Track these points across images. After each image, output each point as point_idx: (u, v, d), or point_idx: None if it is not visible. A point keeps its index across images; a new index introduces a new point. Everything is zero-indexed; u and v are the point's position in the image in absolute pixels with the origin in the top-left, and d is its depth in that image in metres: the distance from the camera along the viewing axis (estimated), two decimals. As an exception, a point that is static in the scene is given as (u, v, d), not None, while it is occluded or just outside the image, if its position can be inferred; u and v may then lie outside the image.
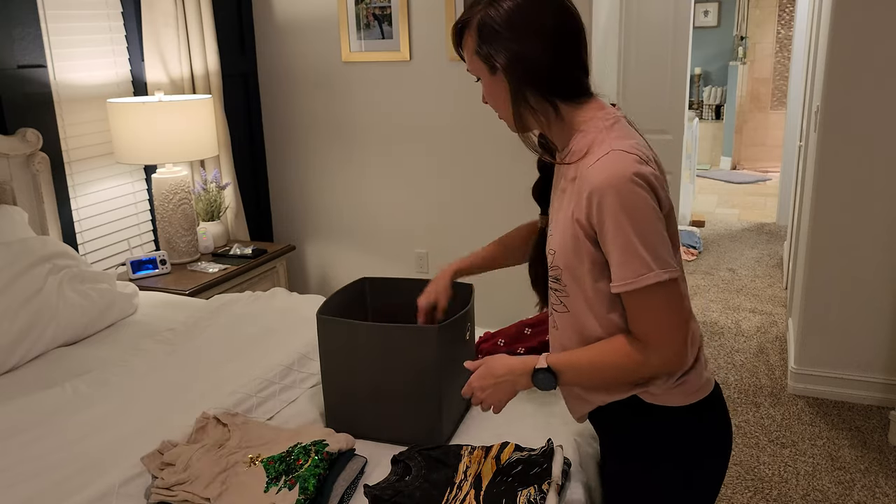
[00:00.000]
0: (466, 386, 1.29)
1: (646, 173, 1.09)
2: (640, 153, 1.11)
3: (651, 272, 1.08)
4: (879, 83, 2.69)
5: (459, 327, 1.58)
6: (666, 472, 1.24)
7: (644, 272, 1.08)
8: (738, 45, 7.79)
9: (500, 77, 1.18)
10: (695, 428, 1.24)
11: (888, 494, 2.40)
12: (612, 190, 1.08)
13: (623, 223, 1.08)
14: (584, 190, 1.12)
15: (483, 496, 1.29)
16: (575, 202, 1.15)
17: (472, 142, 3.27)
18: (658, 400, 1.21)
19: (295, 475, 1.33)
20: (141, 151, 2.64)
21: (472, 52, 1.19)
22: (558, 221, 1.20)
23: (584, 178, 1.13)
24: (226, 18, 3.31)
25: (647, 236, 1.08)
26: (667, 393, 1.21)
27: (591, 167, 1.12)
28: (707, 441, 1.26)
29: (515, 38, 1.14)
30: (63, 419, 1.64)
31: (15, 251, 2.05)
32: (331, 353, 1.57)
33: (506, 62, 1.15)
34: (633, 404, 1.23)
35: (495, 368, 1.25)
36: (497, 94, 1.20)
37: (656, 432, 1.23)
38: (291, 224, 3.75)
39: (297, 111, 3.56)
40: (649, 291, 1.10)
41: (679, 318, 1.12)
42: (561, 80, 1.18)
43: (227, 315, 2.25)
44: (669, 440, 1.23)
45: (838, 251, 2.90)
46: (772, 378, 3.22)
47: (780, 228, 5.61)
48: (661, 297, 1.10)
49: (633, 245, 1.08)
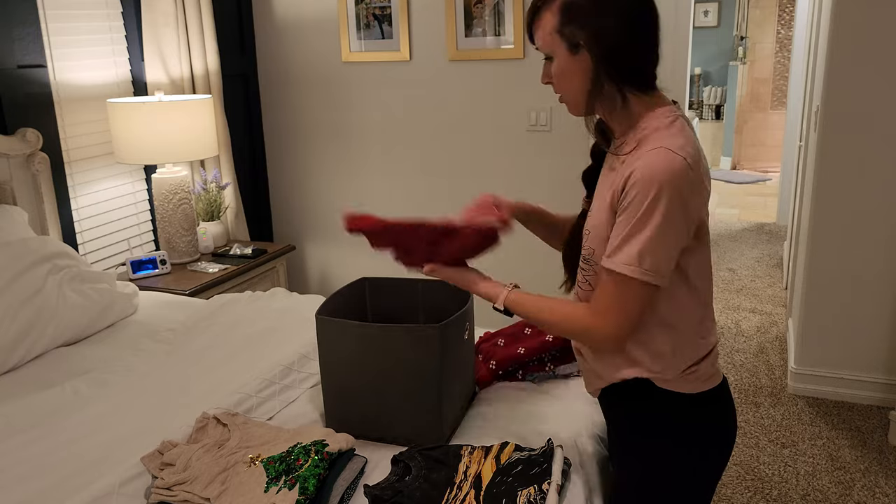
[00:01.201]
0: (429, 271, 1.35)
1: (689, 178, 1.12)
2: (688, 157, 1.13)
3: (639, 268, 1.13)
4: (879, 83, 2.69)
5: (459, 327, 1.58)
6: (671, 457, 1.28)
7: (633, 265, 1.13)
8: (738, 45, 7.79)
9: (580, 57, 1.18)
10: (702, 416, 1.28)
11: (888, 494, 2.40)
12: (651, 183, 1.11)
13: (644, 214, 1.12)
14: (625, 176, 1.15)
15: (483, 496, 1.29)
16: (614, 188, 1.19)
17: (472, 142, 3.28)
18: (670, 385, 1.25)
19: (295, 475, 1.33)
20: (141, 151, 2.64)
21: (552, 30, 1.19)
22: (598, 204, 1.25)
23: (629, 166, 1.16)
24: (226, 18, 3.31)
25: (660, 236, 1.12)
26: (679, 379, 1.25)
27: (639, 158, 1.14)
28: (712, 431, 1.29)
29: (601, 19, 1.15)
30: (63, 419, 1.64)
31: (15, 251, 2.05)
32: (330, 353, 1.57)
33: (590, 42, 1.16)
34: (645, 388, 1.26)
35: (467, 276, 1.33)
36: (571, 74, 1.20)
37: (665, 417, 1.27)
38: (291, 224, 3.75)
39: (297, 111, 3.56)
40: (628, 281, 1.15)
41: (635, 316, 1.18)
42: (636, 68, 1.20)
43: (227, 315, 2.25)
44: (676, 426, 1.27)
45: (838, 251, 2.90)
46: (772, 378, 3.22)
47: (780, 228, 5.61)
48: (635, 292, 1.16)
49: (640, 237, 1.12)
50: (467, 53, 3.15)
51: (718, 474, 1.33)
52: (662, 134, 1.16)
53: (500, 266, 3.29)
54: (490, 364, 1.82)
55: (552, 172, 3.17)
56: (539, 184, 3.20)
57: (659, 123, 1.18)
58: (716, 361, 1.30)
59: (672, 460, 1.28)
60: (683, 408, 1.26)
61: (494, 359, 1.83)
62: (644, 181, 1.11)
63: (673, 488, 1.30)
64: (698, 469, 1.29)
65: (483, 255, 1.33)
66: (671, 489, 1.30)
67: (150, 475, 1.41)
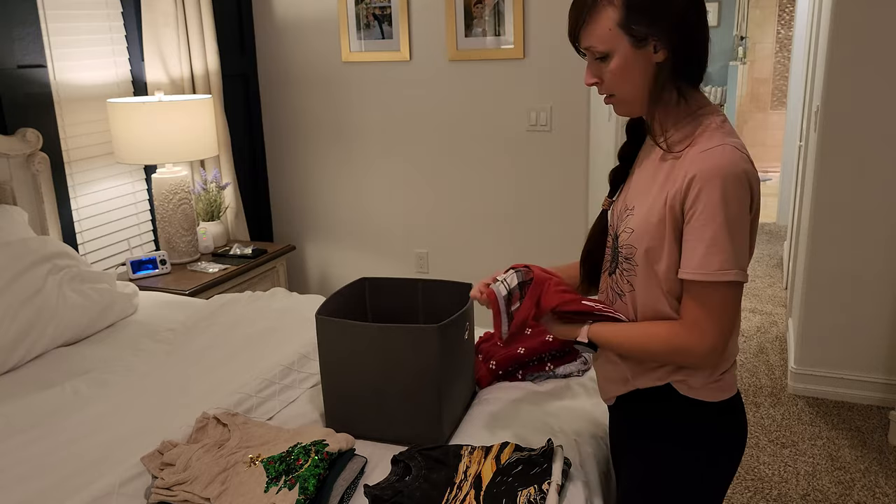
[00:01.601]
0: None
1: (752, 174, 1.13)
2: (747, 154, 1.14)
3: (732, 270, 1.11)
4: (879, 83, 2.69)
5: (459, 327, 1.58)
6: (682, 462, 1.27)
7: (727, 268, 1.11)
8: (738, 45, 7.79)
9: (645, 53, 1.15)
10: (718, 425, 1.27)
11: (888, 494, 2.40)
12: (718, 181, 1.10)
13: (719, 215, 1.10)
14: (687, 175, 1.13)
15: (483, 496, 1.29)
16: (670, 186, 1.16)
17: (471, 142, 3.28)
18: (693, 393, 1.24)
19: (295, 475, 1.33)
20: (141, 151, 2.64)
21: (612, 25, 1.15)
22: (643, 202, 1.22)
23: (689, 163, 1.14)
24: (226, 18, 3.31)
25: (736, 235, 1.11)
26: (704, 387, 1.24)
27: (699, 154, 1.13)
28: (726, 439, 1.28)
29: (670, 12, 1.13)
30: (63, 419, 1.64)
31: (15, 251, 2.05)
32: (330, 353, 1.57)
33: (661, 36, 1.14)
34: (666, 393, 1.26)
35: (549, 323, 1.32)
36: (633, 70, 1.17)
37: (681, 423, 1.27)
38: (291, 224, 3.75)
39: (297, 111, 3.56)
40: (721, 287, 1.13)
41: (734, 319, 1.17)
42: (694, 64, 1.18)
43: (227, 315, 2.25)
44: (691, 432, 1.27)
45: (838, 251, 2.90)
46: (772, 378, 3.22)
47: (780, 228, 5.60)
48: (730, 295, 1.14)
49: (722, 239, 1.10)
50: (467, 53, 3.15)
51: (727, 482, 1.32)
52: (718, 133, 1.15)
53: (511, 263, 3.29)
54: (490, 364, 1.82)
55: (552, 172, 3.17)
56: (539, 184, 3.20)
57: (712, 122, 1.17)
58: (735, 370, 1.30)
59: (683, 466, 1.27)
60: (702, 415, 1.25)
61: (494, 359, 1.83)
62: (710, 181, 1.10)
63: (681, 494, 1.29)
64: (707, 476, 1.28)
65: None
66: (679, 495, 1.29)
67: (150, 475, 1.41)
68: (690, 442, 1.27)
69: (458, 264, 3.43)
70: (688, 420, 1.26)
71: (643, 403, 1.30)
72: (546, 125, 3.13)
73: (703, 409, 1.25)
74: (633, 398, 1.32)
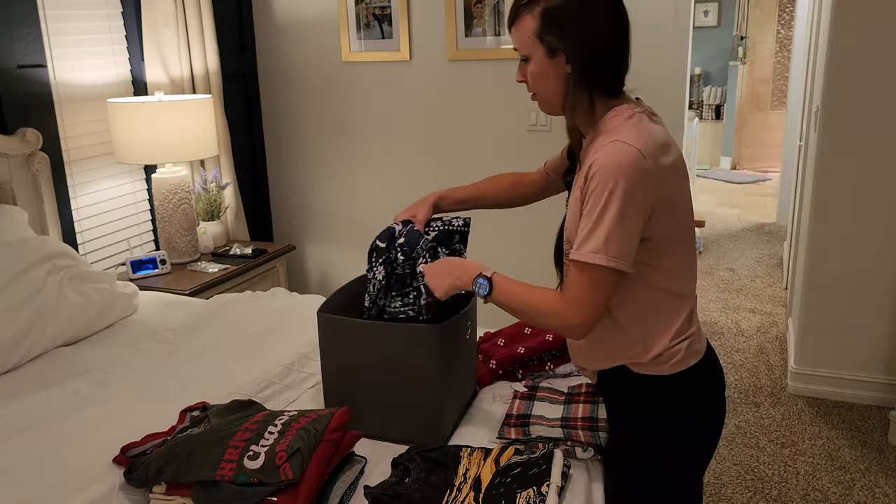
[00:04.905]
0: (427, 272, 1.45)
1: (640, 167, 1.18)
2: (643, 147, 1.19)
3: (603, 255, 1.19)
4: (879, 83, 2.69)
5: (460, 327, 1.58)
6: (656, 435, 1.34)
7: (599, 252, 1.19)
8: (738, 45, 7.79)
9: (557, 62, 1.25)
10: (681, 394, 1.33)
11: (888, 494, 2.40)
12: (603, 174, 1.18)
13: (600, 205, 1.18)
14: (584, 172, 1.23)
15: (482, 498, 1.29)
16: (579, 184, 1.26)
17: (471, 141, 3.28)
18: (645, 370, 1.32)
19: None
20: (141, 151, 2.64)
21: (530, 33, 1.25)
22: (570, 201, 1.32)
23: (587, 161, 1.23)
24: (226, 18, 3.31)
25: (615, 225, 1.18)
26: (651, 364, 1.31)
27: (595, 153, 1.22)
28: (694, 407, 1.35)
29: (580, 29, 1.22)
30: (63, 419, 1.64)
31: (15, 251, 2.05)
32: (331, 351, 1.57)
33: (567, 47, 1.23)
34: (625, 375, 1.34)
35: (450, 264, 1.43)
36: (546, 76, 1.28)
37: (648, 398, 1.34)
38: (291, 224, 3.75)
39: (297, 111, 3.56)
40: (592, 269, 1.21)
41: (603, 304, 1.24)
42: (609, 74, 1.27)
43: (227, 315, 2.25)
44: (658, 405, 1.34)
45: (838, 251, 2.90)
46: (772, 378, 3.22)
47: (780, 228, 5.61)
48: (601, 278, 1.21)
49: (601, 227, 1.19)
50: (467, 53, 3.15)
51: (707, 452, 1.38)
52: (619, 128, 1.23)
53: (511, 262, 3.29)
54: (490, 364, 1.82)
55: (552, 172, 3.16)
56: (539, 184, 3.20)
57: (617, 121, 1.25)
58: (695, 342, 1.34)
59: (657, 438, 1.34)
60: (663, 387, 1.32)
61: (494, 358, 1.83)
62: (601, 173, 1.18)
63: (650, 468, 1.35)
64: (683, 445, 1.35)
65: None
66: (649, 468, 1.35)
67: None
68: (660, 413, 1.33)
69: (458, 264, 3.42)
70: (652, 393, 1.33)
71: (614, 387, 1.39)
72: (546, 125, 3.13)
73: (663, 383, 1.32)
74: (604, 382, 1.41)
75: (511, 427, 1.54)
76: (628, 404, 1.37)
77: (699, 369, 1.34)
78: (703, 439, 1.37)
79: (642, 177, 1.18)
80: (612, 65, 1.27)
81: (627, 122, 1.24)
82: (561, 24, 1.22)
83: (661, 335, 1.30)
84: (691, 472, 1.39)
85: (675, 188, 1.26)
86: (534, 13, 1.24)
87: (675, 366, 1.31)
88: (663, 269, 1.29)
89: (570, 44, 1.22)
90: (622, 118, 1.25)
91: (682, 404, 1.34)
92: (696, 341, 1.34)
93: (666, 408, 1.34)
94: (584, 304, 1.22)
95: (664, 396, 1.33)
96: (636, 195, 1.18)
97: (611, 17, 1.24)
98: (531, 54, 1.27)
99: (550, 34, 1.23)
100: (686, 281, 1.33)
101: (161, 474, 1.30)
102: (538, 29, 1.24)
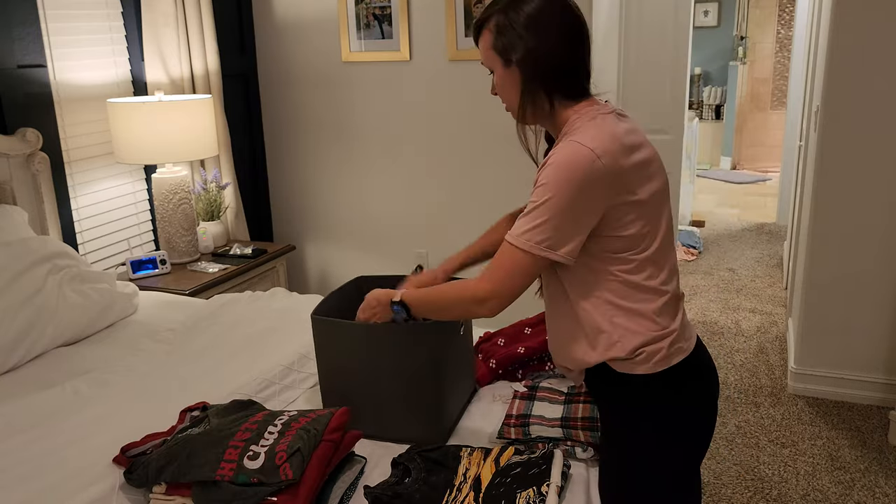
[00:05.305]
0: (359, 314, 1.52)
1: (594, 167, 1.21)
2: (596, 147, 1.22)
3: (526, 241, 1.24)
4: (879, 83, 2.69)
5: (455, 325, 1.58)
6: (642, 436, 1.33)
7: (529, 238, 1.24)
8: (738, 45, 7.79)
9: (513, 71, 1.32)
10: (667, 393, 1.33)
11: (888, 494, 2.40)
12: (550, 170, 1.23)
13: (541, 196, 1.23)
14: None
15: (482, 498, 1.29)
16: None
17: (471, 141, 3.28)
18: (623, 368, 1.32)
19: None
20: (141, 151, 2.64)
21: (488, 46, 1.33)
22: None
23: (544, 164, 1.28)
24: (226, 18, 3.31)
25: (550, 215, 1.22)
26: (630, 363, 1.31)
27: (550, 155, 1.26)
28: (682, 406, 1.34)
29: (529, 37, 1.28)
30: (63, 419, 1.64)
31: (15, 251, 2.05)
32: (327, 353, 1.57)
33: (518, 57, 1.30)
34: (607, 374, 1.34)
35: (370, 300, 1.50)
36: (508, 86, 1.34)
37: (628, 398, 1.34)
38: (291, 224, 3.75)
39: (297, 111, 3.56)
40: (513, 250, 1.26)
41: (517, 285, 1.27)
42: (563, 80, 1.32)
43: (227, 315, 2.25)
44: (639, 405, 1.34)
45: (838, 251, 2.90)
46: (772, 378, 3.22)
47: (780, 228, 5.61)
48: (523, 261, 1.25)
49: (532, 214, 1.24)
50: (467, 53, 3.15)
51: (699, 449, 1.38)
52: (578, 130, 1.26)
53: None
54: (490, 363, 1.82)
55: (552, 172, 3.16)
56: (539, 184, 3.20)
57: (579, 122, 1.29)
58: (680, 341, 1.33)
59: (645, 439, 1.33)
60: (649, 386, 1.32)
61: (494, 358, 1.83)
62: (549, 170, 1.23)
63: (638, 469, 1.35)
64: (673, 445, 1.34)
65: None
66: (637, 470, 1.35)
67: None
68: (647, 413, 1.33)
69: (458, 264, 3.42)
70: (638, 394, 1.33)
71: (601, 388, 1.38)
72: (546, 125, 3.12)
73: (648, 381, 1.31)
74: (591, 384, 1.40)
75: (511, 427, 1.54)
76: (613, 403, 1.37)
77: (687, 368, 1.33)
78: (691, 439, 1.36)
79: (592, 175, 1.21)
80: (565, 69, 1.31)
81: (589, 123, 1.27)
82: (510, 34, 1.29)
83: (633, 330, 1.29)
84: (680, 472, 1.37)
85: (643, 185, 1.27)
86: (490, 27, 1.32)
87: (658, 364, 1.30)
88: (630, 263, 1.29)
89: (520, 54, 1.29)
90: (585, 119, 1.29)
91: (668, 403, 1.33)
92: (680, 339, 1.33)
93: (651, 406, 1.33)
94: (496, 279, 1.27)
95: (649, 395, 1.32)
96: (581, 192, 1.21)
97: (561, 25, 1.29)
98: (492, 66, 1.35)
99: (503, 45, 1.30)
100: (659, 275, 1.31)
101: (161, 474, 1.30)
102: (493, 42, 1.32)
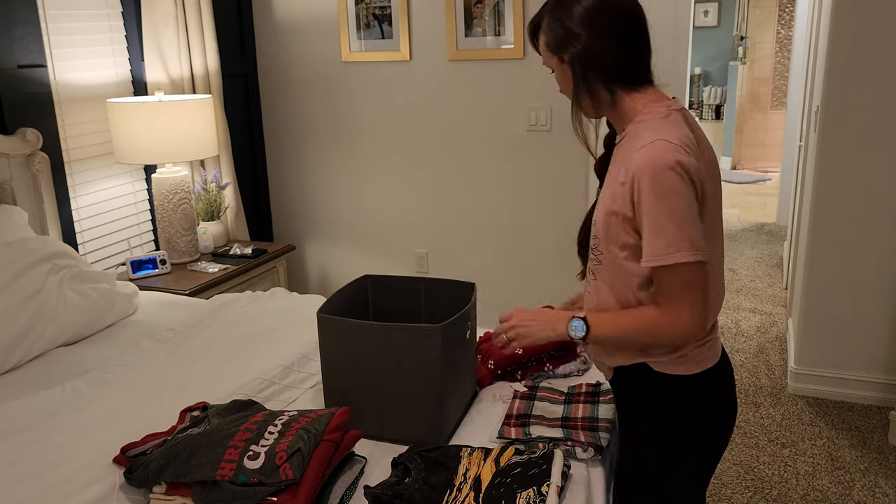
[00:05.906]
0: (502, 324, 1.41)
1: (686, 163, 1.18)
2: (685, 145, 1.20)
3: (679, 252, 1.18)
4: (879, 83, 2.69)
5: (460, 327, 1.58)
6: (670, 434, 1.34)
7: (672, 251, 1.18)
8: (738, 45, 7.79)
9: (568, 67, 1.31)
10: (698, 395, 1.33)
11: (888, 494, 2.40)
12: (651, 174, 1.18)
13: (656, 205, 1.18)
14: (629, 172, 1.22)
15: (482, 498, 1.29)
16: (617, 183, 1.25)
17: (471, 141, 3.28)
18: (665, 368, 1.31)
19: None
20: (141, 151, 2.64)
21: (544, 45, 1.34)
22: (604, 195, 1.32)
23: (629, 161, 1.23)
24: (226, 18, 3.31)
25: (679, 219, 1.17)
26: (672, 362, 1.31)
27: (636, 152, 1.22)
28: (709, 408, 1.35)
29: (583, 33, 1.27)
30: (63, 419, 1.64)
31: (15, 251, 2.05)
32: (331, 352, 1.57)
33: (573, 53, 1.29)
34: (643, 372, 1.33)
35: (535, 311, 1.40)
36: (565, 80, 1.34)
37: (664, 397, 1.34)
38: (291, 224, 3.75)
39: (297, 111, 3.56)
40: (676, 268, 1.20)
41: (699, 296, 1.22)
42: (620, 71, 1.29)
43: (227, 315, 2.25)
44: (674, 404, 1.34)
45: (838, 251, 2.90)
46: (772, 378, 3.22)
47: (780, 228, 5.61)
48: (687, 274, 1.20)
49: (665, 225, 1.18)
50: (467, 53, 3.15)
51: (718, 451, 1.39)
52: (658, 127, 1.23)
53: (511, 263, 3.29)
54: (489, 364, 1.82)
55: (552, 172, 3.17)
56: (539, 184, 3.20)
57: (655, 117, 1.26)
58: (715, 344, 1.35)
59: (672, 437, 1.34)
60: (681, 386, 1.32)
61: (493, 359, 1.83)
62: (650, 172, 1.18)
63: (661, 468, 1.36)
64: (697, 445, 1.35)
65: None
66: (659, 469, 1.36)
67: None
68: (676, 412, 1.33)
69: (458, 264, 3.43)
70: (669, 393, 1.33)
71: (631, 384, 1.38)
72: (546, 125, 3.13)
73: (681, 382, 1.31)
74: (621, 379, 1.40)
75: (511, 427, 1.54)
76: (642, 401, 1.37)
77: (716, 372, 1.34)
78: (718, 442, 1.37)
79: (688, 171, 1.18)
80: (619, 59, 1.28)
81: (664, 120, 1.25)
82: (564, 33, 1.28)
83: None
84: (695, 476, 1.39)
85: (709, 187, 1.26)
86: (543, 29, 1.33)
87: (695, 366, 1.31)
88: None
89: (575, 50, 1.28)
90: (659, 117, 1.26)
91: (702, 403, 1.34)
92: (716, 344, 1.36)
93: (679, 407, 1.33)
94: (685, 305, 1.21)
95: (679, 396, 1.33)
96: (688, 188, 1.18)
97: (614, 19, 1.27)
98: (550, 64, 1.35)
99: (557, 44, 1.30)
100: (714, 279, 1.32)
101: (161, 474, 1.30)
102: (547, 41, 1.32)
